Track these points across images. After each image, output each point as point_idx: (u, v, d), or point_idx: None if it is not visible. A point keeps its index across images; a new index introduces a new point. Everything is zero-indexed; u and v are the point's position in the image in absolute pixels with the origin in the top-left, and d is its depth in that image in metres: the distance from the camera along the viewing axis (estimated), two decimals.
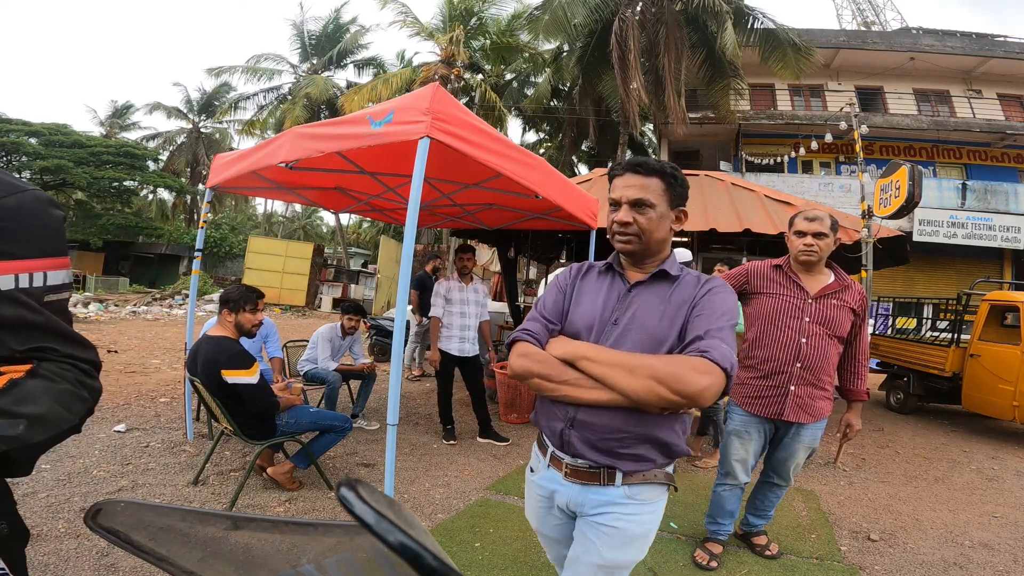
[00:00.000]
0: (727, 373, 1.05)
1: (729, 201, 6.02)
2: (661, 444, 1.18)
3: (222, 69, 22.54)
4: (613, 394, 1.09)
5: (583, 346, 1.17)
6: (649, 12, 12.66)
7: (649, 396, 1.04)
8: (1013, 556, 2.86)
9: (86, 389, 0.79)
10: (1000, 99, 15.66)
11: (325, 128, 2.97)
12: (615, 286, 1.30)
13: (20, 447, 0.69)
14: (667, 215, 1.25)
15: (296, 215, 38.79)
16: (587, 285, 1.34)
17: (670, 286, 1.25)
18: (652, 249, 1.26)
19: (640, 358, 1.09)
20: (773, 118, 15.61)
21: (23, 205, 0.75)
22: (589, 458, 1.17)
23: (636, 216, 1.22)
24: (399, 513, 0.31)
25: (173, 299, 16.29)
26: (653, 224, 1.22)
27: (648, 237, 1.23)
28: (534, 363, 1.18)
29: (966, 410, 6.24)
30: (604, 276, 1.34)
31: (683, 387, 1.02)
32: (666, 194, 1.23)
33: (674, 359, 1.08)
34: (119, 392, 5.00)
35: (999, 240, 13.46)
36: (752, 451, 2.49)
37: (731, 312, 1.17)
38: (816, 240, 2.35)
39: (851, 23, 23.10)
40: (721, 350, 1.06)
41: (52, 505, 2.61)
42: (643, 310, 1.22)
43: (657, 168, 1.23)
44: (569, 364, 1.15)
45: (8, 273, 0.72)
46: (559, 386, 1.15)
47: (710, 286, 1.23)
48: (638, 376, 1.05)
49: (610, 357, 1.11)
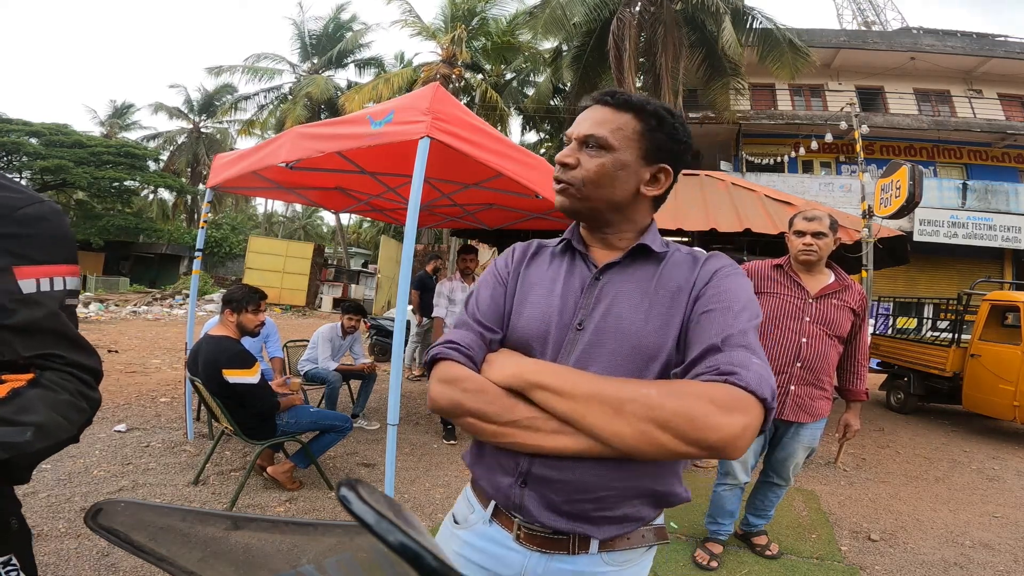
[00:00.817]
0: (766, 405, 0.70)
1: (729, 201, 6.02)
2: (657, 497, 0.85)
3: (222, 69, 22.57)
4: (589, 441, 0.73)
5: (538, 367, 0.79)
6: (647, 12, 12.66)
7: (646, 447, 0.69)
8: (1013, 556, 2.86)
9: (85, 400, 0.80)
10: (1001, 99, 15.65)
11: (325, 128, 2.97)
12: (576, 272, 0.91)
13: (20, 454, 0.71)
14: (632, 168, 0.86)
15: (296, 215, 38.81)
16: (537, 272, 0.94)
17: (655, 268, 0.88)
18: (602, 213, 0.89)
19: (630, 388, 0.72)
20: (773, 118, 15.61)
21: (43, 214, 0.79)
22: (551, 525, 0.82)
23: (582, 157, 0.86)
24: (399, 513, 0.31)
25: (173, 299, 16.31)
26: (603, 173, 0.84)
27: (592, 191, 0.86)
28: (465, 395, 0.79)
29: (966, 410, 6.23)
30: (560, 259, 0.95)
31: (702, 435, 0.67)
32: (639, 140, 0.85)
33: (684, 390, 0.71)
34: (120, 392, 5.00)
35: (1000, 240, 13.46)
36: (752, 451, 2.49)
37: (753, 305, 0.83)
38: (815, 240, 2.36)
39: (851, 23, 23.10)
40: (754, 369, 0.71)
41: (52, 505, 2.61)
42: (620, 306, 0.84)
43: (635, 102, 0.86)
44: (519, 395, 0.78)
45: (31, 277, 0.76)
46: (505, 429, 0.77)
47: (716, 266, 0.87)
48: (628, 418, 0.69)
49: (582, 386, 0.74)
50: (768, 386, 0.71)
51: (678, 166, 0.91)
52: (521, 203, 4.33)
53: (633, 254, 0.90)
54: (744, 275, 0.89)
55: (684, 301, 0.84)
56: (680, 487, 0.88)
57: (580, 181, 0.86)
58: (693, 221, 5.49)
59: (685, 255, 0.91)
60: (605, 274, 0.89)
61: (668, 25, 12.26)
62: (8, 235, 0.75)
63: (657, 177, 0.89)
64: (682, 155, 0.90)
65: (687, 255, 0.91)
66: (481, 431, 0.80)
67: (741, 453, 0.70)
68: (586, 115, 0.88)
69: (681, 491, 0.88)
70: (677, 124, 0.88)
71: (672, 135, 0.87)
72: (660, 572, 2.46)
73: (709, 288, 0.83)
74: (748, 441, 0.69)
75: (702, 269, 0.87)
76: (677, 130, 0.88)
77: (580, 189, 0.86)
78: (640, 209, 0.91)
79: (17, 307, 0.74)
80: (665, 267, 0.88)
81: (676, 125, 0.88)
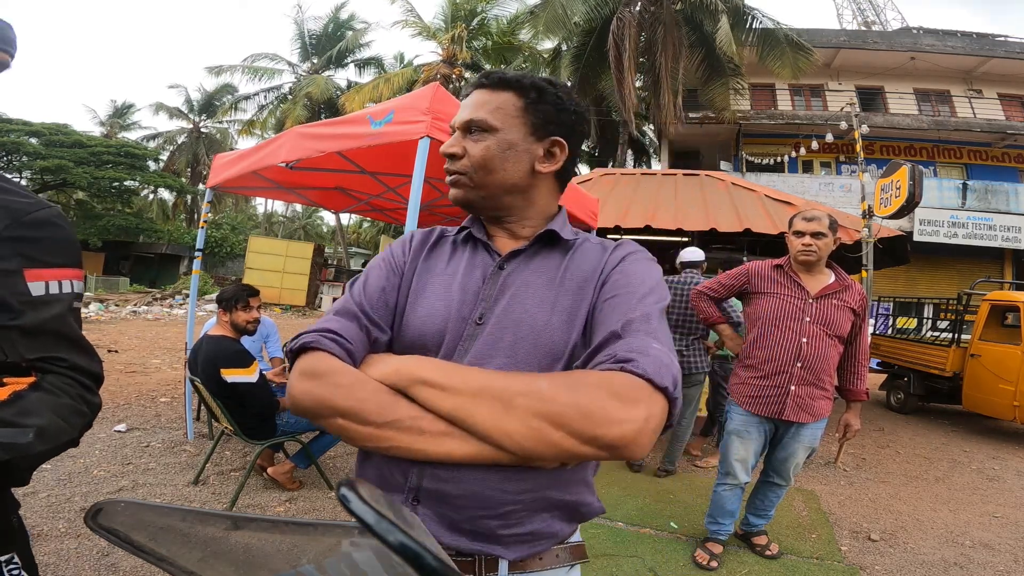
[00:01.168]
0: (669, 395, 0.63)
1: (729, 201, 6.03)
2: (568, 508, 0.77)
3: (222, 68, 22.57)
4: (480, 444, 0.63)
5: (420, 362, 0.70)
6: (647, 11, 12.66)
7: (540, 447, 0.61)
8: (1014, 556, 2.86)
9: (86, 404, 0.81)
10: (1001, 99, 15.65)
11: (325, 128, 2.97)
12: (478, 262, 0.84)
13: (21, 456, 0.72)
14: (521, 146, 0.81)
15: (296, 215, 38.81)
16: (437, 263, 0.87)
17: (563, 257, 0.83)
18: (500, 199, 0.83)
19: (521, 381, 0.64)
20: (773, 118, 15.60)
21: (51, 219, 0.81)
22: (452, 545, 0.72)
23: (467, 145, 0.81)
24: (399, 513, 0.31)
25: (173, 299, 16.32)
26: (490, 156, 0.80)
27: (484, 177, 0.81)
28: (336, 390, 0.67)
29: (966, 410, 6.23)
30: (462, 249, 0.88)
31: (601, 431, 0.59)
32: (523, 116, 0.81)
33: (578, 380, 0.63)
34: (120, 392, 5.00)
35: (1000, 240, 13.46)
36: (752, 451, 2.49)
37: (660, 289, 0.78)
38: (815, 240, 2.36)
39: (851, 23, 23.10)
40: (655, 355, 0.65)
41: (53, 505, 2.61)
42: (524, 298, 0.78)
43: (511, 79, 0.83)
44: (400, 392, 0.68)
45: (40, 280, 0.78)
46: (382, 432, 0.66)
47: (624, 252, 0.83)
48: (519, 414, 0.61)
49: (468, 380, 0.65)
50: (669, 374, 0.64)
51: (573, 138, 0.86)
52: None
53: (539, 242, 0.84)
54: (654, 261, 0.85)
55: (591, 290, 0.78)
56: (591, 497, 0.81)
57: (470, 169, 0.81)
58: (693, 221, 5.50)
59: (595, 243, 0.86)
60: (509, 263, 0.83)
61: (668, 25, 12.27)
62: (18, 238, 0.77)
63: (551, 152, 0.84)
64: (575, 126, 0.85)
65: (597, 243, 0.86)
66: (355, 435, 0.67)
67: (644, 451, 0.61)
68: (466, 102, 0.84)
69: (593, 501, 0.81)
70: (560, 94, 0.84)
71: (558, 105, 0.83)
72: (660, 572, 2.46)
73: (614, 274, 0.79)
74: (651, 436, 0.61)
75: (610, 256, 0.82)
76: (562, 99, 0.83)
77: (472, 177, 0.81)
78: (541, 190, 0.86)
79: (26, 308, 0.75)
80: (574, 256, 0.83)
81: (559, 95, 0.84)
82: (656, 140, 19.63)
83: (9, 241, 0.75)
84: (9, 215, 0.76)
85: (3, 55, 0.89)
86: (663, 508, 3.21)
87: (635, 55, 12.05)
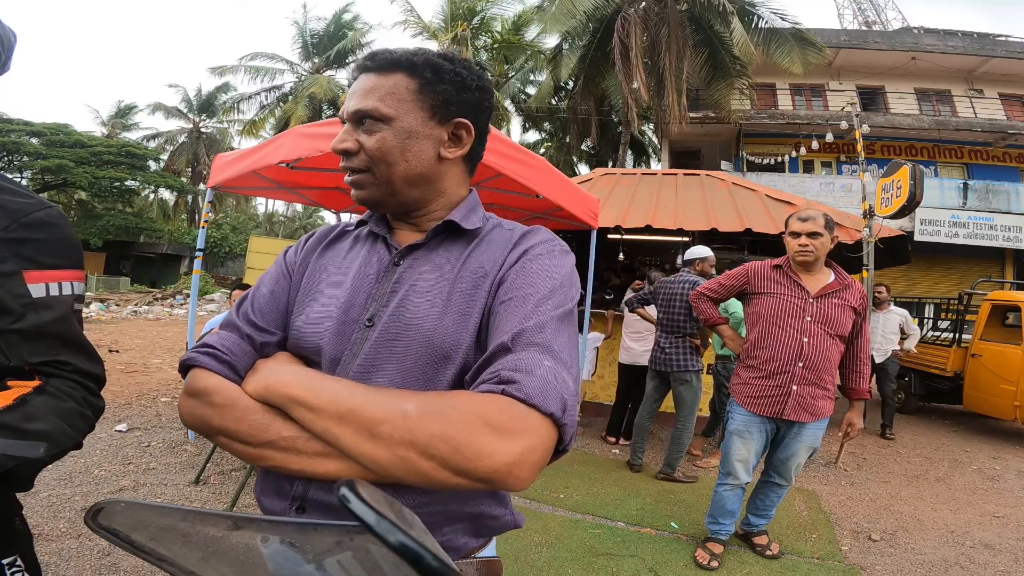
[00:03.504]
0: (557, 421, 0.56)
1: (730, 201, 6.03)
2: (473, 521, 0.72)
3: (223, 68, 22.57)
4: (357, 465, 0.58)
5: (292, 378, 0.65)
6: (652, 11, 12.66)
7: (409, 476, 0.55)
8: (1014, 556, 2.85)
9: (90, 407, 0.81)
10: (1002, 99, 15.62)
11: (326, 127, 2.97)
12: (374, 257, 0.77)
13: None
14: (421, 133, 0.73)
15: (297, 215, 38.81)
16: (331, 261, 0.81)
17: (463, 249, 0.75)
18: (406, 193, 0.75)
19: (387, 404, 0.57)
20: (774, 118, 15.58)
21: (51, 219, 0.80)
22: None
23: (360, 138, 0.72)
24: (399, 513, 0.31)
25: (174, 299, 16.33)
26: (388, 148, 0.71)
27: (385, 171, 0.72)
28: (212, 410, 0.65)
29: (967, 410, 6.24)
30: (361, 244, 0.81)
31: (470, 464, 0.53)
32: (418, 99, 0.72)
33: (449, 405, 0.56)
34: (120, 392, 5.01)
35: (1000, 240, 13.43)
36: (754, 451, 2.49)
37: (562, 290, 0.69)
38: (811, 240, 2.35)
39: (852, 23, 23.09)
40: (539, 374, 0.57)
41: (53, 504, 2.62)
42: (415, 296, 0.71)
43: (400, 58, 0.73)
44: (279, 411, 0.63)
45: (40, 282, 0.76)
46: (261, 452, 0.62)
47: (527, 244, 0.74)
48: (384, 442, 0.55)
49: (335, 400, 0.59)
50: (556, 397, 0.56)
51: (480, 117, 0.77)
52: (521, 203, 4.33)
53: (439, 232, 0.76)
54: (565, 254, 0.75)
55: (486, 290, 0.70)
56: (499, 508, 0.74)
57: (369, 164, 0.73)
58: (694, 221, 5.50)
59: (505, 231, 0.77)
60: (406, 258, 0.75)
61: (672, 25, 12.26)
62: (17, 240, 0.75)
63: (457, 135, 0.76)
64: (480, 103, 0.77)
65: (507, 231, 0.77)
66: (237, 452, 0.64)
67: (526, 484, 0.55)
68: (352, 89, 0.75)
69: (502, 512, 0.74)
70: (460, 70, 0.75)
71: (459, 83, 0.74)
72: (660, 572, 2.46)
73: (512, 272, 0.70)
74: (533, 469, 0.54)
75: (514, 248, 0.73)
76: (463, 76, 0.74)
77: (373, 173, 0.73)
78: (449, 176, 0.78)
79: (26, 311, 0.74)
80: (477, 247, 0.75)
81: (459, 71, 0.74)
82: (656, 140, 19.63)
83: (8, 242, 0.74)
84: (8, 216, 0.75)
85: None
86: (663, 508, 3.21)
87: (640, 54, 12.04)
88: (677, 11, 12.44)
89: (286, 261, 0.83)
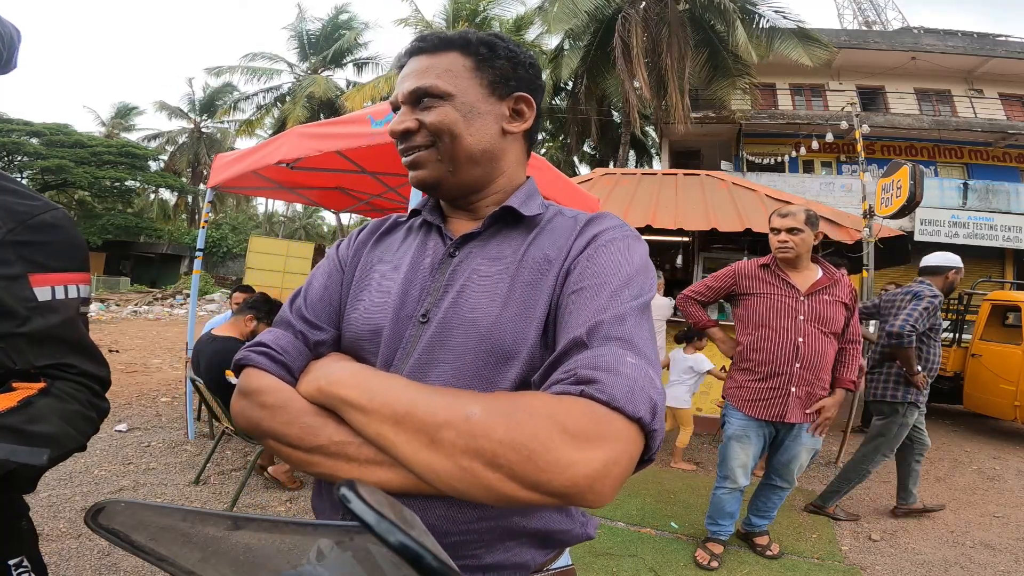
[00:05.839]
0: (646, 427, 0.50)
1: (730, 201, 6.03)
2: (538, 537, 0.65)
3: (223, 69, 22.59)
4: (411, 475, 0.52)
5: (345, 376, 0.60)
6: (652, 11, 12.66)
7: (474, 490, 0.48)
8: (1014, 556, 2.85)
9: (95, 410, 0.81)
10: (1002, 99, 15.63)
11: (326, 128, 2.98)
12: (428, 249, 0.73)
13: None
14: (483, 107, 0.70)
15: (297, 215, 38.80)
16: (384, 254, 0.77)
17: (525, 237, 0.70)
18: (471, 171, 0.71)
19: (450, 406, 0.51)
20: (774, 117, 15.58)
21: (56, 221, 0.79)
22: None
23: (423, 117, 0.68)
24: (400, 513, 0.31)
25: (174, 299, 16.33)
26: (455, 122, 0.67)
27: (455, 145, 0.68)
28: (263, 411, 0.61)
29: (967, 410, 6.23)
30: (415, 235, 0.77)
31: (544, 477, 0.46)
32: (476, 75, 0.69)
33: (522, 407, 0.49)
34: (121, 392, 5.00)
35: (1001, 240, 13.43)
36: (752, 455, 2.47)
37: (639, 278, 0.62)
38: (790, 236, 2.34)
39: (852, 23, 23.10)
40: (626, 373, 0.51)
41: (53, 504, 2.62)
42: (474, 290, 0.65)
43: (453, 38, 0.71)
44: (332, 413, 0.59)
45: (46, 285, 0.75)
46: (310, 457, 0.58)
47: (595, 229, 0.68)
48: (445, 449, 0.49)
49: (390, 401, 0.54)
50: (645, 398, 0.50)
51: (536, 93, 0.75)
52: None
53: (496, 220, 0.71)
54: (638, 241, 0.68)
55: (554, 278, 0.64)
56: (568, 521, 0.67)
57: (433, 138, 0.68)
58: (694, 221, 5.50)
59: (568, 218, 0.72)
60: (462, 249, 0.70)
61: (673, 25, 12.26)
62: (22, 242, 0.74)
63: (518, 110, 0.73)
64: (534, 80, 0.74)
65: (570, 218, 0.72)
66: (287, 457, 0.60)
67: (606, 500, 0.48)
68: (405, 72, 0.71)
69: (571, 526, 0.67)
70: (512, 47, 0.73)
71: (513, 59, 0.72)
72: (660, 572, 2.46)
73: (581, 260, 0.64)
74: (615, 483, 0.47)
75: (580, 234, 0.67)
76: (516, 53, 0.72)
77: (437, 148, 0.69)
78: (511, 154, 0.74)
79: (32, 314, 0.73)
80: (539, 235, 0.69)
81: (512, 48, 0.73)
82: (657, 140, 19.63)
83: (13, 245, 0.73)
84: (13, 218, 0.74)
85: None
86: (664, 508, 3.21)
87: (642, 54, 12.05)
88: (677, 11, 12.45)
89: (338, 255, 0.79)
